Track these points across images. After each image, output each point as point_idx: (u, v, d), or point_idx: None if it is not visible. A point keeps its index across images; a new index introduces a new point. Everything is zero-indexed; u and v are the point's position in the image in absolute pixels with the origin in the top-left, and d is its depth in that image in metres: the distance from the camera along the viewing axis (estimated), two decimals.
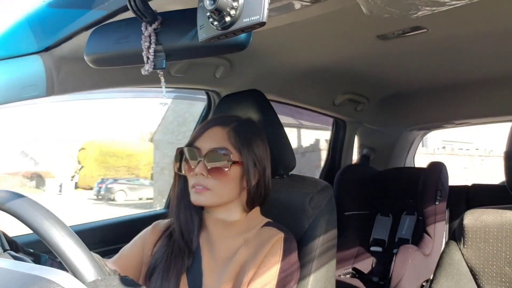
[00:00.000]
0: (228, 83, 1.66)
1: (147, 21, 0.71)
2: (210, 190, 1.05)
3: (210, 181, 1.06)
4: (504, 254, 0.88)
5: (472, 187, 2.55)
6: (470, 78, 2.00)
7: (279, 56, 1.60)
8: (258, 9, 0.53)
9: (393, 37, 1.40)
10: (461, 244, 0.93)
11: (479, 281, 0.91)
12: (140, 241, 1.16)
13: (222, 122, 1.13)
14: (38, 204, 0.69)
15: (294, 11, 0.97)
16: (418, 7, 0.60)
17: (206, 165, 1.05)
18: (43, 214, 0.66)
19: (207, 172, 1.05)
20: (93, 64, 0.80)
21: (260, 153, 1.12)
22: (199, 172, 1.05)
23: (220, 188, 1.06)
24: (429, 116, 2.54)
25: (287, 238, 1.08)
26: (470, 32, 1.38)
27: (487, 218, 0.92)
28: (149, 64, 0.72)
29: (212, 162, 1.05)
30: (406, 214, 2.32)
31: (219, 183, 1.06)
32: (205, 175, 1.05)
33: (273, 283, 1.01)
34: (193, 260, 1.07)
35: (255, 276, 1.01)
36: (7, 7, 5.40)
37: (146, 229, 1.19)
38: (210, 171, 1.05)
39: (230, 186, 1.08)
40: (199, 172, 1.05)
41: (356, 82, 2.09)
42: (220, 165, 1.05)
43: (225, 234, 1.10)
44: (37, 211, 0.66)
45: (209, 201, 1.07)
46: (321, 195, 1.22)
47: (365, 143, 2.74)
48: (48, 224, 0.64)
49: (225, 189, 1.07)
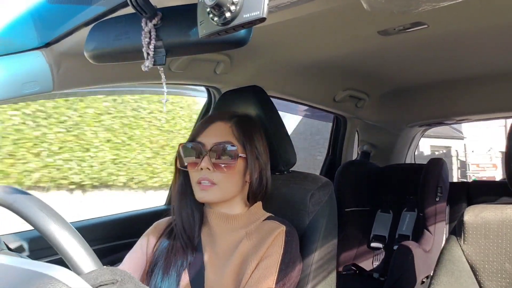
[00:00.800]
0: (228, 79, 1.66)
1: (147, 16, 0.70)
2: (216, 184, 1.06)
3: (216, 175, 1.06)
4: (504, 251, 0.89)
5: (473, 184, 2.55)
6: (470, 73, 2.00)
7: (280, 52, 1.60)
8: (259, 5, 0.53)
9: (394, 33, 1.39)
10: (461, 241, 0.93)
11: (479, 277, 0.91)
12: (140, 248, 1.15)
13: (223, 118, 1.14)
14: (34, 196, 0.69)
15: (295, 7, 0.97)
16: (419, 2, 0.60)
17: (211, 159, 1.06)
18: (39, 207, 0.66)
19: (213, 166, 1.06)
20: (93, 60, 0.80)
21: (261, 147, 1.14)
22: (205, 167, 1.06)
23: (226, 182, 1.07)
24: (430, 112, 2.54)
25: (289, 231, 1.08)
26: (471, 28, 1.37)
27: (488, 215, 0.92)
28: (149, 60, 0.72)
29: (218, 156, 1.06)
30: (406, 211, 2.32)
31: (225, 177, 1.07)
32: (211, 169, 1.06)
33: (275, 275, 1.01)
34: (195, 255, 1.08)
35: (256, 268, 1.02)
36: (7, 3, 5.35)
37: (146, 232, 1.19)
38: (216, 165, 1.06)
39: (234, 180, 1.09)
40: (205, 167, 1.06)
41: (357, 78, 2.09)
42: (227, 159, 1.06)
43: (227, 227, 1.11)
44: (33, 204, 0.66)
45: (215, 197, 1.08)
46: (322, 191, 1.22)
47: (366, 139, 2.74)
48: (45, 216, 0.64)
49: (230, 183, 1.08)
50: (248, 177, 1.12)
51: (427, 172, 2.28)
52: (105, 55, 0.78)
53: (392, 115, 2.56)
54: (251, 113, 1.25)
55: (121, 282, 0.62)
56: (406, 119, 2.66)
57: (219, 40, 0.67)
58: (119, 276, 0.62)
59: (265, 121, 1.25)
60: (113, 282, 0.61)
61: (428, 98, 2.38)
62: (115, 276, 0.62)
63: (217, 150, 1.06)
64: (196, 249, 1.09)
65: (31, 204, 0.66)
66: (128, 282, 0.63)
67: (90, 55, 0.79)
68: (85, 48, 0.79)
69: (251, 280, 1.00)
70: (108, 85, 1.35)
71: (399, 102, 2.45)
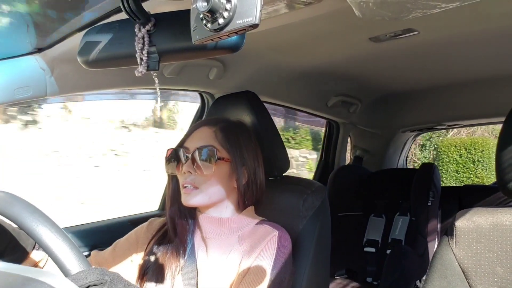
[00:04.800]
0: (221, 85, 1.66)
1: (141, 22, 0.70)
2: (198, 188, 1.07)
3: (197, 178, 1.07)
4: (496, 255, 0.89)
5: (464, 188, 2.57)
6: (461, 79, 2.02)
7: (272, 57, 1.61)
8: (251, 11, 0.54)
9: (385, 39, 1.41)
10: (453, 245, 0.94)
11: (471, 281, 0.91)
12: (135, 235, 1.18)
13: (209, 123, 1.15)
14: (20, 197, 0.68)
15: (287, 13, 0.98)
16: (410, 9, 0.61)
17: (192, 163, 1.07)
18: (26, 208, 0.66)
19: (194, 170, 1.07)
20: (86, 66, 0.80)
21: (250, 153, 1.13)
22: (186, 170, 1.07)
23: (208, 185, 1.08)
24: (422, 118, 2.56)
25: (281, 236, 1.08)
26: (462, 34, 1.39)
27: (479, 219, 0.93)
28: (143, 65, 0.72)
29: (199, 159, 1.06)
30: (399, 215, 2.33)
31: (206, 180, 1.07)
32: (192, 172, 1.07)
33: (266, 280, 1.01)
34: (187, 260, 1.08)
35: (248, 272, 1.02)
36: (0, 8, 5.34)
37: (141, 225, 1.20)
38: (197, 168, 1.07)
39: (217, 184, 1.09)
40: (187, 170, 1.07)
41: (349, 83, 2.10)
42: (206, 161, 1.06)
43: (219, 231, 1.11)
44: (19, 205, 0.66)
45: (198, 200, 1.08)
46: (315, 196, 1.23)
47: (358, 144, 2.76)
48: (32, 218, 0.64)
49: (213, 187, 1.08)
50: (235, 183, 1.12)
51: (419, 177, 2.29)
52: (98, 61, 0.78)
53: (384, 120, 2.58)
54: (244, 118, 1.25)
55: (110, 283, 0.61)
56: (398, 125, 2.68)
57: (212, 46, 0.67)
58: (108, 276, 0.62)
59: (258, 126, 1.25)
60: (102, 282, 0.60)
61: (420, 103, 2.40)
62: (104, 276, 0.61)
63: (198, 153, 1.07)
64: (188, 253, 1.09)
65: (18, 206, 0.66)
66: (117, 283, 0.63)
67: (83, 60, 0.79)
68: (79, 54, 0.79)
69: (243, 284, 1.01)
70: (101, 90, 1.35)
71: (391, 107, 2.46)
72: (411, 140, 3.00)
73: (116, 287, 0.62)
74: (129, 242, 1.17)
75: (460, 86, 2.12)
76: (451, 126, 2.72)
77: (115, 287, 0.62)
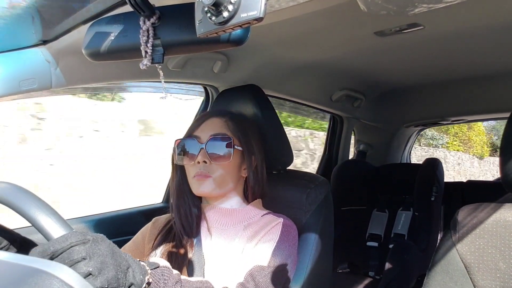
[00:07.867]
0: (226, 78, 1.66)
1: (145, 15, 0.70)
2: (211, 177, 1.07)
3: (212, 167, 1.07)
4: (498, 250, 0.89)
5: (467, 184, 2.57)
6: (466, 74, 2.01)
7: (277, 51, 1.60)
8: (256, 5, 0.54)
9: (390, 34, 1.40)
10: (456, 240, 0.94)
11: (474, 276, 0.91)
12: (141, 235, 1.18)
13: (218, 113, 1.16)
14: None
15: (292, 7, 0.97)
16: (415, 4, 0.60)
17: (207, 152, 1.06)
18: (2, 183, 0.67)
19: (209, 159, 1.07)
20: (91, 58, 0.80)
21: (256, 142, 1.15)
22: (201, 160, 1.07)
23: (222, 174, 1.08)
24: (426, 112, 2.55)
25: (286, 223, 1.09)
26: (467, 29, 1.38)
27: (482, 214, 0.93)
28: (147, 58, 0.72)
29: (215, 148, 1.07)
30: (402, 210, 2.33)
31: (221, 169, 1.08)
32: (208, 162, 1.07)
33: (268, 256, 1.01)
34: (195, 251, 1.08)
35: (250, 253, 1.03)
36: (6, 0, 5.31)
37: (146, 225, 1.20)
38: (213, 157, 1.07)
39: (230, 172, 1.10)
40: (202, 160, 1.07)
41: (353, 78, 2.09)
42: (224, 150, 1.07)
43: (226, 221, 1.11)
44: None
45: (211, 188, 1.08)
46: (318, 190, 1.23)
47: (362, 139, 2.75)
48: (9, 189, 0.65)
49: (226, 175, 1.09)
50: (244, 172, 1.12)
51: (422, 172, 2.29)
52: (103, 53, 0.78)
53: (388, 115, 2.57)
54: (248, 111, 1.26)
55: (93, 241, 0.61)
56: (402, 119, 2.67)
57: (217, 39, 0.67)
58: (90, 236, 0.62)
59: (262, 119, 1.25)
60: (84, 242, 0.60)
61: (424, 98, 2.39)
62: (86, 236, 0.61)
63: (214, 142, 1.07)
64: (195, 245, 1.09)
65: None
66: (101, 242, 0.63)
67: (88, 53, 0.79)
68: (84, 46, 0.80)
69: (245, 259, 1.01)
70: (106, 82, 1.35)
71: (395, 102, 2.46)
72: (415, 135, 2.99)
73: (99, 245, 0.62)
74: (135, 243, 1.17)
75: (465, 81, 2.12)
76: (455, 121, 2.71)
77: (99, 245, 0.62)
